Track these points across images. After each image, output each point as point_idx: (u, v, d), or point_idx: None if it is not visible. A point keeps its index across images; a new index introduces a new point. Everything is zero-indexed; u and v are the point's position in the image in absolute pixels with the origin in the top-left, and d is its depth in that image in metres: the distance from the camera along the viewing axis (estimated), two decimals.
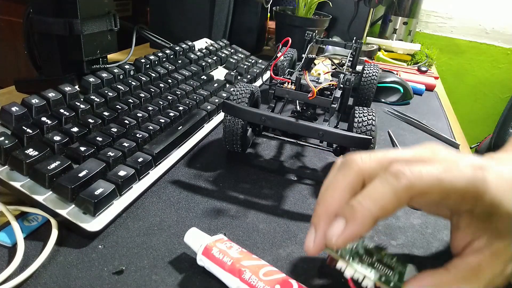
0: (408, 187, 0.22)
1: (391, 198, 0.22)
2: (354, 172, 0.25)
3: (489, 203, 0.23)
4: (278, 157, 0.47)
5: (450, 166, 0.23)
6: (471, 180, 0.22)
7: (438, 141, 0.58)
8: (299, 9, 0.85)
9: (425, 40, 1.38)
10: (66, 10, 0.47)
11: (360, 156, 0.25)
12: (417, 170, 0.23)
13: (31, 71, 0.57)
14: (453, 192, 0.23)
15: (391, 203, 0.22)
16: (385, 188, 0.23)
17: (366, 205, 0.23)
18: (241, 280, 0.26)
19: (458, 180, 0.22)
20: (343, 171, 0.25)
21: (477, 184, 0.22)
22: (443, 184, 0.22)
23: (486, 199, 0.23)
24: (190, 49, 0.65)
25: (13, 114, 0.35)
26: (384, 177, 0.23)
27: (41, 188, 0.31)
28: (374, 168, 0.25)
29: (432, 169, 0.23)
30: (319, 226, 0.25)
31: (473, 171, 0.23)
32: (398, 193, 0.22)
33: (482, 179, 0.23)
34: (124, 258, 0.29)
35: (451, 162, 0.23)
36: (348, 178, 0.25)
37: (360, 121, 0.39)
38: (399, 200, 0.22)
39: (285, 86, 0.42)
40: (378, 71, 0.59)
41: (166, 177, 0.40)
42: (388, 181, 0.23)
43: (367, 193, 0.23)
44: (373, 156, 0.25)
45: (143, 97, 0.47)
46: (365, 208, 0.23)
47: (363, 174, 0.25)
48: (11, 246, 0.29)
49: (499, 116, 1.25)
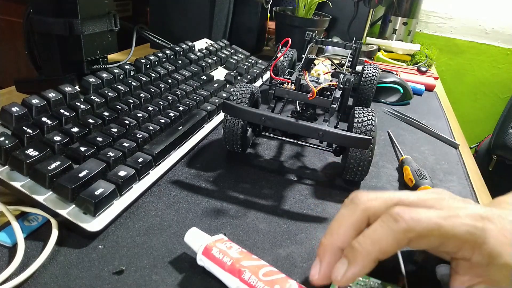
0: (406, 230, 0.24)
1: (390, 240, 0.24)
2: (360, 210, 0.27)
3: (487, 253, 0.24)
4: (278, 157, 0.47)
5: (451, 213, 0.24)
6: (471, 230, 0.24)
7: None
8: (299, 10, 0.85)
9: (425, 40, 1.38)
10: (66, 10, 0.47)
11: (367, 195, 0.27)
12: (416, 214, 0.24)
13: (31, 71, 0.57)
14: (451, 238, 0.24)
15: (390, 245, 0.24)
16: (384, 230, 0.24)
17: (365, 247, 0.24)
18: (241, 280, 0.26)
19: (457, 228, 0.24)
20: (350, 208, 0.27)
21: (476, 234, 0.24)
22: (442, 230, 0.24)
23: (485, 249, 0.24)
24: (190, 50, 0.65)
25: (14, 114, 0.35)
26: (384, 219, 0.25)
27: (41, 188, 0.31)
28: (379, 207, 0.26)
29: (432, 214, 0.24)
30: (323, 259, 0.27)
31: (474, 221, 0.24)
32: (397, 236, 0.24)
33: (482, 230, 0.24)
34: (124, 258, 0.29)
35: (453, 210, 0.25)
36: (354, 216, 0.27)
37: (360, 121, 0.39)
38: (398, 242, 0.24)
39: (285, 86, 0.42)
40: (378, 71, 0.59)
41: (166, 177, 0.40)
42: (387, 224, 0.24)
43: (367, 235, 0.25)
44: (379, 195, 0.27)
45: (143, 97, 0.47)
46: (365, 250, 0.24)
47: (369, 213, 0.26)
48: (11, 246, 0.29)
49: (499, 116, 1.25)
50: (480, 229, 0.24)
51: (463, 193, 0.45)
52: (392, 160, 0.50)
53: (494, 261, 0.24)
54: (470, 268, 0.25)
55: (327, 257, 0.26)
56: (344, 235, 0.27)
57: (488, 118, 1.46)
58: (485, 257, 0.24)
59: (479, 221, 0.24)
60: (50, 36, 0.48)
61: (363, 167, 0.40)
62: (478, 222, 0.24)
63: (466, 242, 0.24)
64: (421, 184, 0.42)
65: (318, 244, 0.33)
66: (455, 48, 1.41)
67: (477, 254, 0.24)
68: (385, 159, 0.50)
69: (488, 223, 0.24)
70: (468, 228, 0.24)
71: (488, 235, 0.24)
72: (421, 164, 0.49)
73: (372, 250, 0.24)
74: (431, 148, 0.55)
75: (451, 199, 0.27)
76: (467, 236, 0.24)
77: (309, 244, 0.33)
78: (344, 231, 0.27)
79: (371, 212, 0.26)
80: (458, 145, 0.57)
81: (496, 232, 0.24)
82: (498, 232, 0.24)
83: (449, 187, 0.46)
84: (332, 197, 0.40)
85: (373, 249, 0.24)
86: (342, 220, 0.27)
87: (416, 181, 0.42)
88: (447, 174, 0.48)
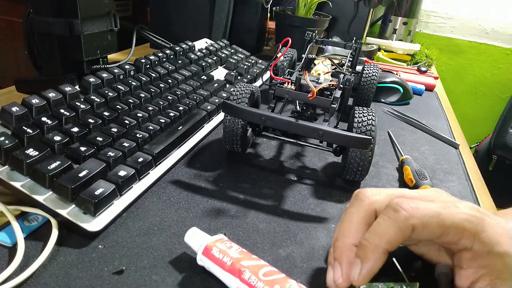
0: (407, 217, 0.25)
1: (394, 230, 0.25)
2: (366, 205, 0.28)
3: (487, 241, 0.24)
4: (278, 157, 0.47)
5: (449, 205, 0.26)
6: (469, 219, 0.25)
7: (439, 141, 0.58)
8: (299, 9, 0.85)
9: (425, 40, 1.38)
10: (66, 10, 0.47)
11: (371, 190, 0.28)
12: (415, 204, 0.25)
13: (31, 71, 0.58)
14: (451, 226, 0.25)
15: (395, 235, 0.25)
16: (387, 222, 0.25)
17: (373, 241, 0.25)
18: (241, 280, 0.26)
19: (456, 216, 0.25)
20: (355, 205, 0.28)
21: (475, 223, 0.25)
22: (441, 217, 0.25)
23: (484, 236, 0.24)
24: (190, 49, 0.65)
25: (14, 114, 0.35)
26: (385, 212, 0.26)
27: (41, 188, 0.31)
28: (384, 200, 0.27)
29: (431, 205, 0.26)
30: (343, 260, 0.27)
31: (471, 211, 0.25)
32: (400, 225, 0.25)
33: (480, 219, 0.25)
34: (124, 258, 0.29)
35: (452, 203, 0.26)
36: (361, 212, 0.28)
37: (360, 121, 0.39)
38: (402, 231, 0.25)
39: (285, 86, 0.42)
40: (378, 71, 0.59)
41: (166, 177, 0.40)
42: (389, 215, 0.25)
43: (372, 230, 0.26)
44: (382, 190, 0.28)
45: (143, 97, 0.47)
46: (373, 244, 0.25)
47: (375, 206, 0.27)
48: (11, 246, 0.29)
49: (499, 116, 1.25)
50: (479, 218, 0.25)
51: (463, 193, 0.45)
52: (392, 160, 0.50)
53: (494, 249, 0.24)
54: (472, 259, 0.25)
55: (345, 257, 0.27)
56: (355, 232, 0.27)
57: (488, 118, 1.46)
58: (486, 245, 0.24)
59: (477, 212, 0.25)
60: (50, 36, 0.48)
61: (363, 167, 0.40)
62: (476, 213, 0.25)
63: (466, 230, 0.25)
64: (421, 184, 0.42)
65: (318, 244, 0.33)
66: (455, 48, 1.41)
67: (477, 242, 0.25)
68: (385, 159, 0.50)
69: (485, 216, 0.25)
70: (467, 216, 0.25)
71: (486, 224, 0.25)
72: (421, 164, 0.49)
73: (379, 243, 0.25)
74: (431, 148, 0.55)
75: (449, 196, 0.28)
76: (466, 224, 0.25)
77: (309, 244, 0.33)
78: (355, 228, 0.27)
79: (377, 206, 0.27)
80: (458, 145, 0.57)
81: (493, 224, 0.25)
82: (495, 224, 0.25)
83: (449, 187, 0.46)
84: (332, 197, 0.40)
85: (380, 242, 0.25)
86: (350, 218, 0.28)
87: (416, 181, 0.42)
88: (447, 174, 0.48)
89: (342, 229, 0.28)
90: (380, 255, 0.25)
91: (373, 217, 0.27)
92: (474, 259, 0.25)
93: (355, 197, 0.29)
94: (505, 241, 0.24)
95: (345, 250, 0.27)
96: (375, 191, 0.28)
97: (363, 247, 0.26)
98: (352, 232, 0.27)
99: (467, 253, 0.25)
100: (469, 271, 0.26)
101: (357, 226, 0.27)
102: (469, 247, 0.25)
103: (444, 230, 0.25)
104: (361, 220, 0.27)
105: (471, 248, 0.25)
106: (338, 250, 0.28)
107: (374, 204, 0.27)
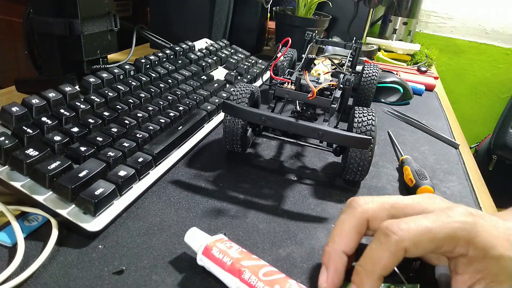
0: (398, 241, 0.25)
1: (387, 255, 0.25)
2: (358, 213, 0.28)
3: (481, 246, 0.24)
4: (278, 157, 0.47)
5: (440, 215, 0.25)
6: (462, 226, 0.25)
7: (438, 140, 0.58)
8: (299, 9, 0.85)
9: (425, 40, 1.38)
10: (66, 10, 0.47)
11: (364, 198, 0.29)
12: (405, 224, 0.25)
13: (31, 71, 0.58)
14: (444, 239, 0.25)
15: (389, 260, 0.25)
16: (379, 248, 0.25)
17: (367, 268, 0.25)
18: (241, 280, 0.26)
19: (447, 227, 0.25)
20: (348, 213, 0.29)
21: (468, 229, 0.24)
22: (432, 232, 0.25)
23: (478, 241, 0.24)
24: (190, 49, 0.65)
25: (14, 114, 0.35)
26: (377, 237, 0.26)
27: (41, 188, 0.31)
28: (376, 209, 0.28)
29: (422, 220, 0.25)
30: (330, 266, 0.27)
31: (464, 217, 0.25)
32: (391, 249, 0.25)
33: (473, 224, 0.25)
34: (124, 258, 0.29)
35: (443, 211, 0.26)
36: (353, 220, 0.28)
37: (360, 121, 0.39)
38: (395, 255, 0.25)
39: (285, 86, 0.42)
40: (378, 71, 0.59)
41: (166, 177, 0.40)
42: (380, 241, 0.25)
43: (366, 256, 0.26)
44: (375, 199, 0.28)
45: (143, 97, 0.47)
46: (367, 270, 0.25)
47: (367, 215, 0.28)
48: (11, 246, 0.29)
49: (499, 116, 1.25)
50: (471, 223, 0.25)
51: (463, 193, 0.45)
52: (392, 160, 0.50)
53: (488, 253, 0.24)
54: (468, 264, 0.25)
55: (333, 263, 0.27)
56: (345, 239, 0.28)
57: (488, 118, 1.46)
58: (480, 250, 0.24)
59: (469, 217, 0.25)
60: (50, 36, 0.48)
61: (363, 167, 0.40)
62: (469, 218, 0.25)
63: (459, 238, 0.25)
64: (421, 184, 0.42)
65: (318, 244, 0.33)
66: (455, 48, 1.41)
67: (472, 248, 0.25)
68: (385, 159, 0.50)
69: (479, 219, 0.25)
70: (459, 225, 0.25)
71: (480, 228, 0.25)
72: (421, 164, 0.49)
73: (374, 269, 0.25)
74: (431, 148, 0.55)
75: (442, 201, 0.28)
76: (459, 232, 0.24)
77: (309, 244, 0.33)
78: (346, 235, 0.28)
79: (369, 215, 0.28)
80: (458, 145, 0.57)
81: (487, 227, 0.25)
82: (490, 226, 0.25)
83: (449, 187, 0.46)
84: (332, 197, 0.40)
85: (374, 268, 0.25)
86: (342, 225, 0.28)
87: (416, 181, 0.42)
88: (447, 174, 0.48)
89: (333, 235, 0.29)
90: (375, 280, 0.25)
91: (365, 225, 0.28)
92: (469, 264, 0.25)
93: (348, 205, 0.29)
94: (500, 243, 0.24)
95: (333, 256, 0.27)
96: (368, 199, 0.29)
97: (358, 273, 0.26)
98: (343, 239, 0.28)
99: (463, 258, 0.25)
100: (465, 277, 0.26)
101: (348, 234, 0.28)
102: (465, 254, 0.25)
103: (437, 244, 0.25)
104: (353, 228, 0.28)
105: (467, 254, 0.25)
106: (327, 255, 0.28)
107: (367, 213, 0.28)
